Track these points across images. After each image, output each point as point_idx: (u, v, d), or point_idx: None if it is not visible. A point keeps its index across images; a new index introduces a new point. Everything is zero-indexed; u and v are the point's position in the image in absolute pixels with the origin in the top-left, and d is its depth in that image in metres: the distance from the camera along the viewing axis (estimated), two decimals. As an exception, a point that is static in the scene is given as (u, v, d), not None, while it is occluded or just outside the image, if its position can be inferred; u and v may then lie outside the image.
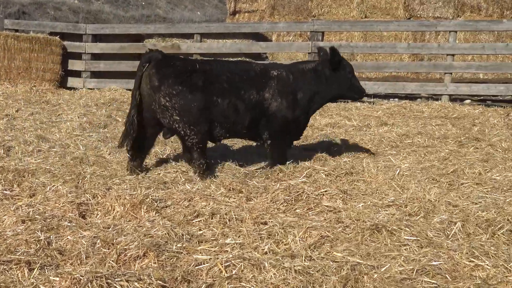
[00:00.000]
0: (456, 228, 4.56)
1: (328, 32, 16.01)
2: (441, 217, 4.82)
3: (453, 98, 12.00)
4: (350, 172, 6.04)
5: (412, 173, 6.15)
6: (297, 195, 5.30)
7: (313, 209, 5.07)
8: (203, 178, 5.86)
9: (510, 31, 14.99)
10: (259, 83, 6.10)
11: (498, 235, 4.48)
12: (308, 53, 12.75)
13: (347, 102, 11.91)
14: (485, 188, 5.67)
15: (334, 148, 7.51)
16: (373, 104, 11.82)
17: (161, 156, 6.92)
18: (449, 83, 11.79)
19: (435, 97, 12.09)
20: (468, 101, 12.21)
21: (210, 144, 6.44)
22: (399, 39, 16.65)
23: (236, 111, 5.99)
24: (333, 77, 6.42)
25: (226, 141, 7.66)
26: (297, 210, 5.08)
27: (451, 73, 11.96)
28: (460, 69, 12.20)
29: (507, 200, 5.28)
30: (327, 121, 9.67)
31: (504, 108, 11.02)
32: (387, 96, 12.74)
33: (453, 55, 11.80)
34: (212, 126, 5.97)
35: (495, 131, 8.81)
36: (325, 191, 5.38)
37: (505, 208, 5.02)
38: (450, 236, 4.46)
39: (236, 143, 7.89)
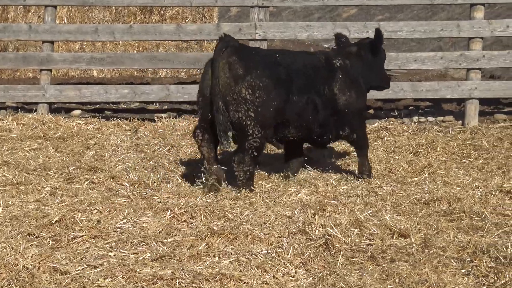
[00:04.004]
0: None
1: None
2: (45, 292, 4.90)
3: (56, 108, 12.30)
4: None
5: (-4, 227, 6.14)
6: None
7: None
8: (244, 187, 7.63)
9: (140, 5, 15.94)
10: (329, 76, 8.18)
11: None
12: None
13: None
14: (107, 243, 5.97)
15: None
16: None
17: None
18: (48, 86, 12.02)
19: (28, 106, 12.24)
20: (78, 111, 12.65)
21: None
22: (-36, 17, 16.43)
23: (314, 109, 8.05)
24: (374, 63, 8.66)
25: None
26: None
27: (50, 70, 12.25)
28: (64, 64, 12.55)
29: (140, 258, 5.65)
30: None
31: (130, 121, 11.74)
32: None
33: (52, 41, 12.12)
34: (285, 126, 7.98)
35: (119, 155, 9.39)
36: None
37: (138, 270, 5.36)
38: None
39: None
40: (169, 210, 6.84)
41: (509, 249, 5.95)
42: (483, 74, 13.16)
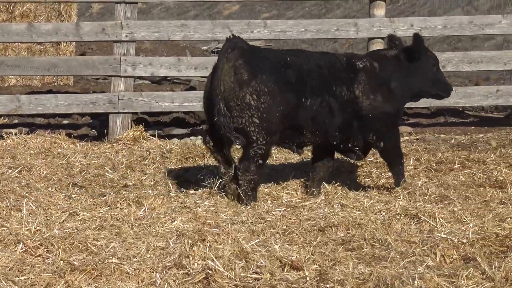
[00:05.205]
0: None
1: None
2: None
3: None
4: None
5: None
6: None
7: None
8: (246, 197, 8.39)
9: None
10: (348, 78, 8.86)
11: None
12: None
13: None
14: None
15: None
16: None
17: None
18: None
19: None
20: None
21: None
22: None
23: (329, 113, 8.71)
24: (415, 69, 9.28)
25: None
26: None
27: None
28: None
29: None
30: None
31: None
32: None
33: None
34: (299, 132, 8.73)
35: None
36: None
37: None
38: None
39: None
40: (21, 243, 6.77)
41: (416, 282, 6.03)
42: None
